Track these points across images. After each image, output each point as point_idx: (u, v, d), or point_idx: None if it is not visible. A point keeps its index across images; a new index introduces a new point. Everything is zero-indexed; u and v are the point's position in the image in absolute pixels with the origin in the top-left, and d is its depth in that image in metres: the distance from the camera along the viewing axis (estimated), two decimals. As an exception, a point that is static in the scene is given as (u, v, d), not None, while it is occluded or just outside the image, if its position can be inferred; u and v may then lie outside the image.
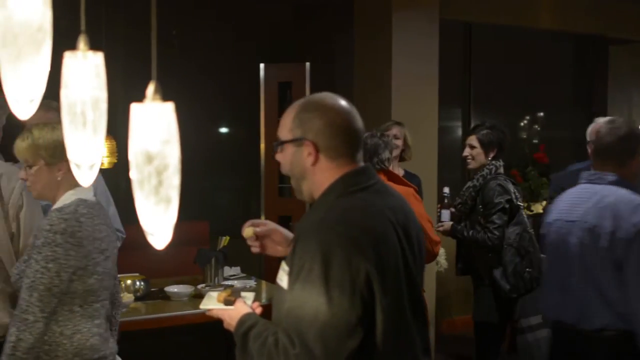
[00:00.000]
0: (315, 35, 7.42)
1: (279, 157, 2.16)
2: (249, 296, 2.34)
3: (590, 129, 4.68)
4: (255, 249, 2.44)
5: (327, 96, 2.13)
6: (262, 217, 6.38)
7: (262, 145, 6.48)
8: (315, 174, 2.08)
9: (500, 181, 4.48)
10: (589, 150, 3.74)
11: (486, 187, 4.48)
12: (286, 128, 2.11)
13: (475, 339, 4.69)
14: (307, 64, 6.37)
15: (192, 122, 5.93)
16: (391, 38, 5.95)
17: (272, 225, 2.44)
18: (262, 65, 6.49)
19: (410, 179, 4.66)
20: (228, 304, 2.23)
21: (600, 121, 3.95)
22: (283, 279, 2.05)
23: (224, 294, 2.27)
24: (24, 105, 1.16)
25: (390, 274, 1.96)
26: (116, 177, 4.77)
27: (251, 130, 6.82)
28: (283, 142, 2.12)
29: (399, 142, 4.91)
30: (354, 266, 1.90)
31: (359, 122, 2.12)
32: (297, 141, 2.08)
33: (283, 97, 6.46)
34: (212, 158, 7.31)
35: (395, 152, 4.66)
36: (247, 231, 2.39)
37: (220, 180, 7.68)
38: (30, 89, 1.16)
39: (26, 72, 1.14)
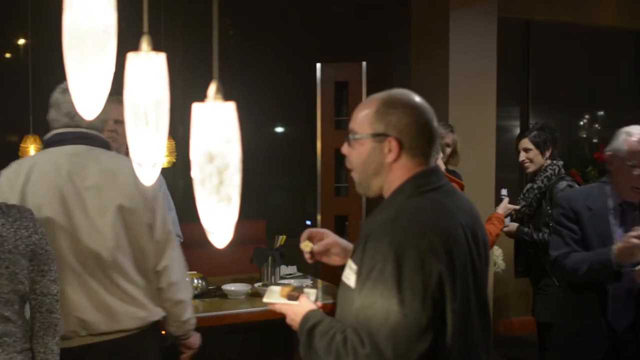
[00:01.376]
0: (372, 35, 7.41)
1: (346, 150, 2.15)
2: (313, 293, 2.32)
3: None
4: (309, 261, 2.45)
5: (409, 93, 2.11)
6: (318, 217, 6.40)
7: (319, 145, 6.49)
8: (392, 171, 2.06)
9: (569, 182, 4.42)
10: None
11: (554, 189, 4.41)
12: (365, 122, 2.08)
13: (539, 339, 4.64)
14: (364, 63, 6.37)
15: (249, 121, 5.97)
16: (448, 37, 5.91)
17: (330, 237, 2.42)
18: (318, 65, 6.50)
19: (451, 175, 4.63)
20: (291, 299, 2.22)
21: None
22: (350, 278, 2.04)
23: (287, 289, 2.26)
24: (90, 105, 1.19)
25: (460, 276, 1.94)
26: (175, 176, 4.84)
27: (308, 130, 6.85)
28: (361, 136, 2.09)
29: (448, 150, 4.87)
30: (426, 267, 1.88)
31: (436, 121, 2.11)
32: (378, 136, 2.06)
33: (339, 97, 6.47)
34: (269, 157, 7.36)
35: (443, 157, 4.62)
36: (305, 245, 2.39)
37: (276, 180, 7.72)
38: (96, 90, 1.18)
39: (92, 73, 1.17)
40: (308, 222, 7.23)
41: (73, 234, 2.89)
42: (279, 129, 7.98)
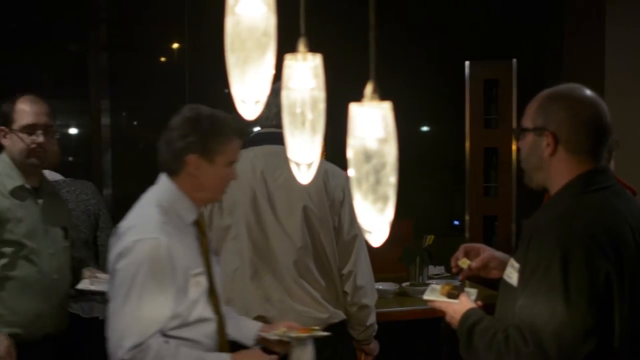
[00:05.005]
0: (522, 31, 7.22)
1: (520, 143, 2.14)
2: (474, 292, 2.32)
3: None
4: (461, 277, 2.44)
5: (575, 87, 2.09)
6: (467, 217, 6.31)
7: (467, 144, 6.39)
8: (552, 165, 2.03)
9: None
10: None
11: None
12: (529, 116, 2.08)
13: None
14: (514, 60, 6.22)
15: (396, 120, 5.97)
16: (604, 33, 5.67)
17: (487, 252, 2.39)
18: (467, 63, 6.41)
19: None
20: (452, 298, 2.23)
21: None
22: (512, 276, 2.02)
23: (447, 287, 2.27)
24: (250, 106, 1.22)
25: (628, 276, 1.88)
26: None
27: (455, 129, 6.76)
28: (523, 130, 2.09)
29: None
30: (594, 267, 1.83)
31: (607, 117, 2.05)
32: (537, 130, 2.05)
33: (489, 95, 6.34)
34: (416, 156, 7.32)
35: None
36: (462, 262, 2.37)
37: (424, 179, 7.67)
38: (256, 91, 1.22)
39: (252, 75, 1.20)
40: (456, 222, 7.15)
41: (261, 232, 2.98)
42: (426, 128, 7.93)
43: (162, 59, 7.05)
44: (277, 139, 3.03)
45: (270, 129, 3.08)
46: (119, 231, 2.39)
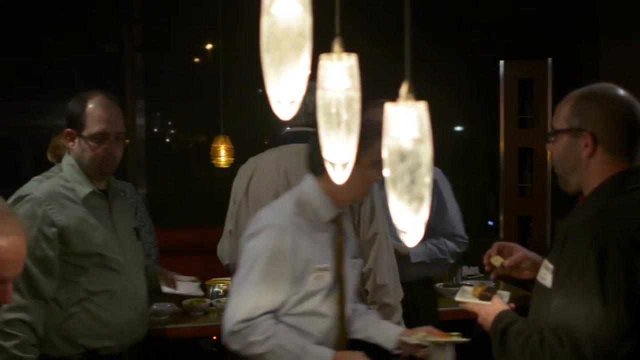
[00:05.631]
0: (557, 30, 7.15)
1: (550, 146, 2.12)
2: (506, 294, 2.31)
3: None
4: (493, 276, 2.42)
5: (609, 87, 2.07)
6: (501, 217, 6.27)
7: (502, 144, 6.35)
8: (589, 166, 2.01)
9: None
10: None
11: None
12: (562, 117, 2.05)
13: None
14: (549, 59, 6.16)
15: (431, 120, 5.95)
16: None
17: (520, 251, 2.37)
18: (501, 62, 6.36)
19: None
20: (484, 299, 2.22)
21: None
22: (546, 278, 2.00)
23: (480, 289, 2.26)
24: (286, 106, 1.22)
25: None
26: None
27: (490, 128, 6.72)
28: (557, 132, 2.06)
29: None
30: (631, 267, 1.81)
31: None
32: (573, 131, 2.02)
33: (523, 95, 6.29)
34: (450, 156, 7.28)
35: None
36: (495, 260, 2.36)
37: (458, 179, 7.62)
38: (292, 91, 1.22)
39: (288, 75, 1.20)
40: (490, 223, 7.10)
41: None
42: (460, 128, 7.89)
43: (196, 60, 7.10)
44: (305, 137, 3.06)
45: (298, 127, 3.10)
46: (258, 215, 2.63)
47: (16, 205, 2.66)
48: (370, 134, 2.47)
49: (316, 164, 2.53)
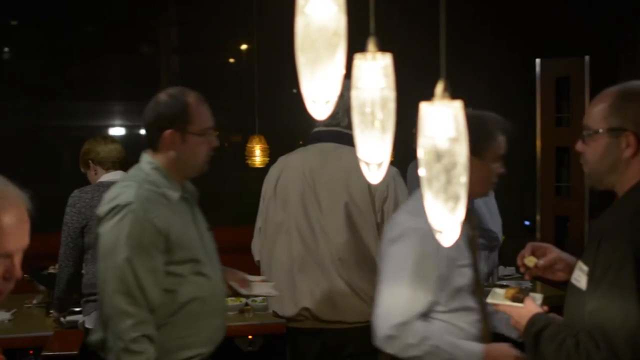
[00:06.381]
0: (595, 27, 7.07)
1: (581, 147, 2.07)
2: (539, 297, 2.29)
3: None
4: (527, 277, 2.41)
5: None
6: (537, 217, 6.21)
7: (538, 143, 6.28)
8: (630, 167, 1.96)
9: None
10: None
11: None
12: (600, 117, 2.00)
13: None
14: (587, 57, 6.08)
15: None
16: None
17: (554, 253, 2.34)
18: (537, 61, 6.30)
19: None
20: (516, 302, 2.19)
21: None
22: (581, 280, 1.96)
23: (512, 291, 2.24)
24: (321, 106, 1.22)
25: None
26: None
27: (525, 127, 6.65)
28: (595, 132, 2.01)
29: None
30: None
31: None
32: (614, 131, 1.97)
33: (560, 93, 6.22)
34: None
35: None
36: (529, 260, 2.34)
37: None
38: (326, 91, 1.22)
39: (322, 75, 1.21)
40: (526, 223, 7.03)
41: (308, 228, 3.09)
42: (495, 127, 7.81)
43: (231, 60, 7.13)
44: (332, 136, 3.10)
45: (324, 127, 3.15)
46: (395, 218, 2.64)
47: (118, 215, 2.51)
48: (492, 129, 2.55)
49: None
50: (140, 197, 2.54)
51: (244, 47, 6.91)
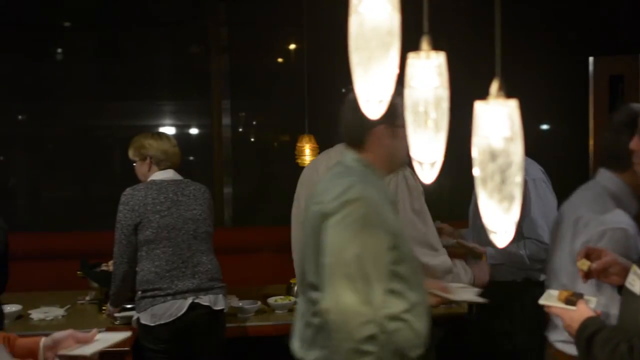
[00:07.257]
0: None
1: (636, 144, 2.04)
2: (593, 300, 2.23)
3: None
4: (583, 280, 2.33)
5: None
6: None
7: (591, 143, 6.19)
8: None
9: None
10: None
11: None
12: None
13: None
14: (641, 55, 5.98)
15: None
16: None
17: (609, 255, 2.28)
18: (591, 59, 6.20)
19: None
20: (569, 304, 2.16)
21: None
22: (635, 284, 1.93)
23: (565, 293, 2.20)
24: (374, 105, 1.22)
25: None
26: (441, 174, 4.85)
27: (578, 127, 6.55)
28: None
29: None
30: None
31: None
32: None
33: (614, 92, 6.11)
34: (537, 155, 7.11)
35: None
36: (582, 263, 2.28)
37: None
38: (380, 90, 1.21)
39: (376, 74, 1.20)
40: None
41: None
42: (547, 126, 7.71)
43: (280, 60, 7.15)
44: None
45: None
46: (583, 220, 2.61)
47: (348, 209, 2.38)
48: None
49: (617, 159, 2.59)
50: (370, 193, 2.45)
51: (293, 46, 6.92)
